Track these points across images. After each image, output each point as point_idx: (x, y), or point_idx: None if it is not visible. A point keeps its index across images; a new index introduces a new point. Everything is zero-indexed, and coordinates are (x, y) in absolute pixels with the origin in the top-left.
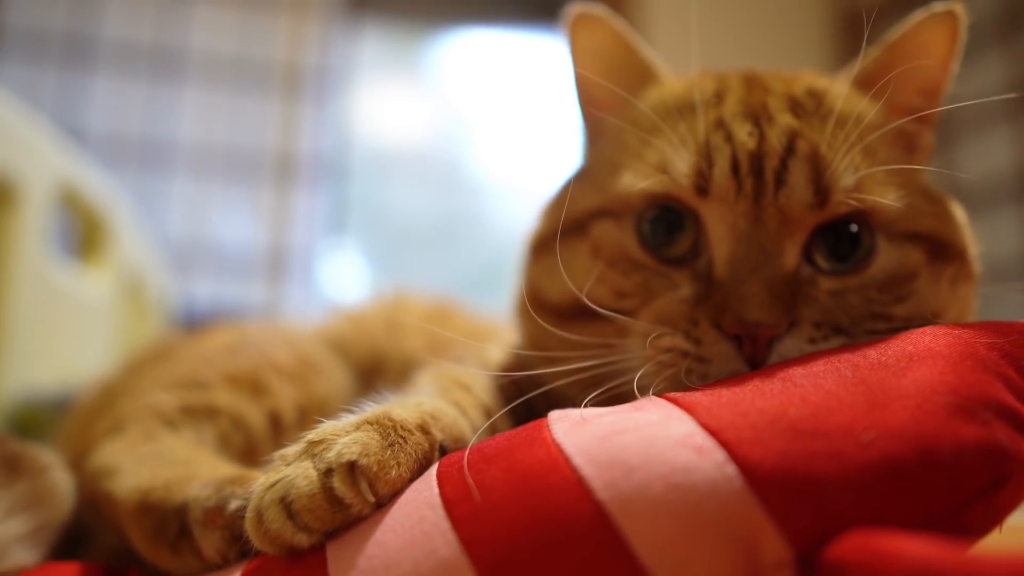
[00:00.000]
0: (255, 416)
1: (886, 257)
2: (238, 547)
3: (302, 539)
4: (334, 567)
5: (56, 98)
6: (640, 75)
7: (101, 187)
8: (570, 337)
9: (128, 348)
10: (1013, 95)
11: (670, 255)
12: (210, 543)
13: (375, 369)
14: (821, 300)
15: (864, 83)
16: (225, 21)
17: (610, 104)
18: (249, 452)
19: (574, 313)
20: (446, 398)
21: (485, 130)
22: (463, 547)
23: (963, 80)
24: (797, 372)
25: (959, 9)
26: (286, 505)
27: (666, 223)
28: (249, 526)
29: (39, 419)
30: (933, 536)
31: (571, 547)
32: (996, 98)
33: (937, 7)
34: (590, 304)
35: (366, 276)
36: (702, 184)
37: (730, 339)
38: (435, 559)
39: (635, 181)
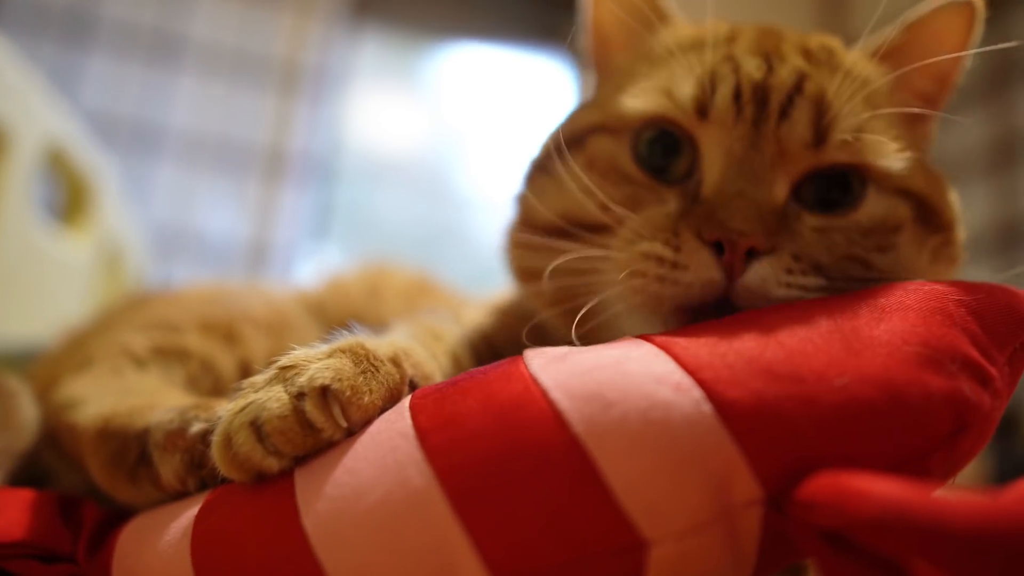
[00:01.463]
0: (226, 363)
1: (873, 205)
2: (198, 475)
3: (272, 463)
4: (302, 494)
5: (51, 73)
6: (655, 16)
7: (89, 153)
8: (555, 244)
9: None
10: None
11: (664, 177)
12: (169, 467)
13: None
14: (804, 235)
15: (879, 57)
16: (228, 12)
17: (623, 43)
18: (217, 396)
19: (561, 229)
20: (417, 341)
21: (477, 145)
22: (436, 477)
23: (947, 135)
24: (774, 318)
25: (979, 1)
26: (256, 428)
27: (663, 145)
28: (217, 450)
29: (6, 369)
30: (899, 477)
31: (545, 479)
32: None
33: None
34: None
35: None
36: (702, 107)
37: (710, 247)
38: (407, 488)
39: (636, 101)
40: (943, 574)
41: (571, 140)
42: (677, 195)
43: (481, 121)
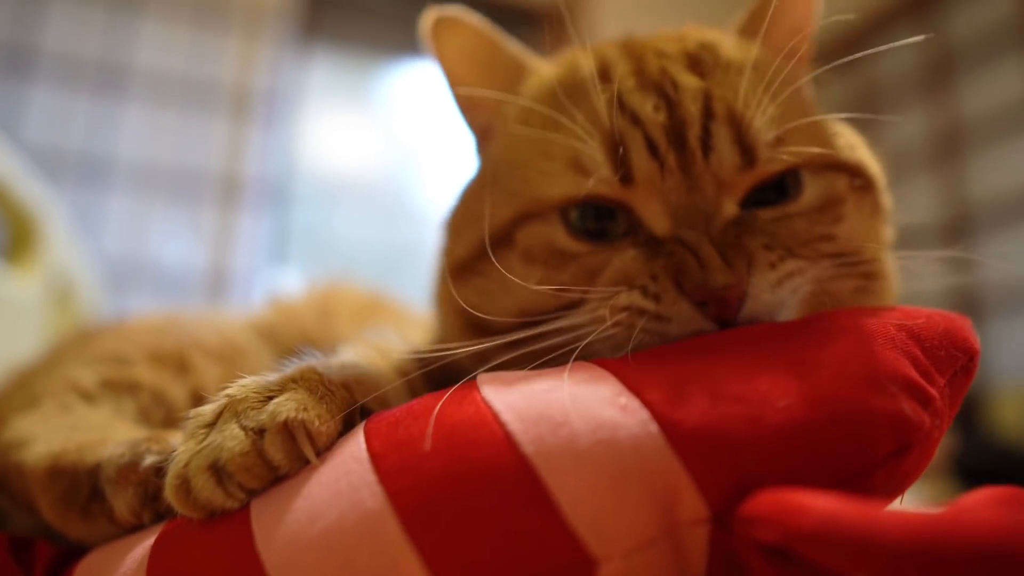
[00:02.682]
0: (177, 393)
1: (813, 188)
2: (153, 508)
3: (233, 505)
4: (258, 522)
5: None
6: (512, 69)
7: (34, 189)
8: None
9: None
10: None
11: (607, 239)
12: (123, 502)
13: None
14: (766, 229)
15: (746, 32)
16: (174, 39)
17: (490, 104)
18: (169, 427)
19: (520, 327)
20: (367, 363)
21: (432, 162)
22: (389, 499)
23: (890, 131)
24: (720, 342)
25: None
26: (216, 470)
27: (595, 212)
28: (174, 493)
29: None
30: (841, 493)
31: (495, 499)
32: None
33: None
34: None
35: None
36: (624, 175)
37: (693, 303)
38: (360, 511)
39: (550, 186)
40: None
41: (497, 240)
42: (630, 244)
43: (435, 137)
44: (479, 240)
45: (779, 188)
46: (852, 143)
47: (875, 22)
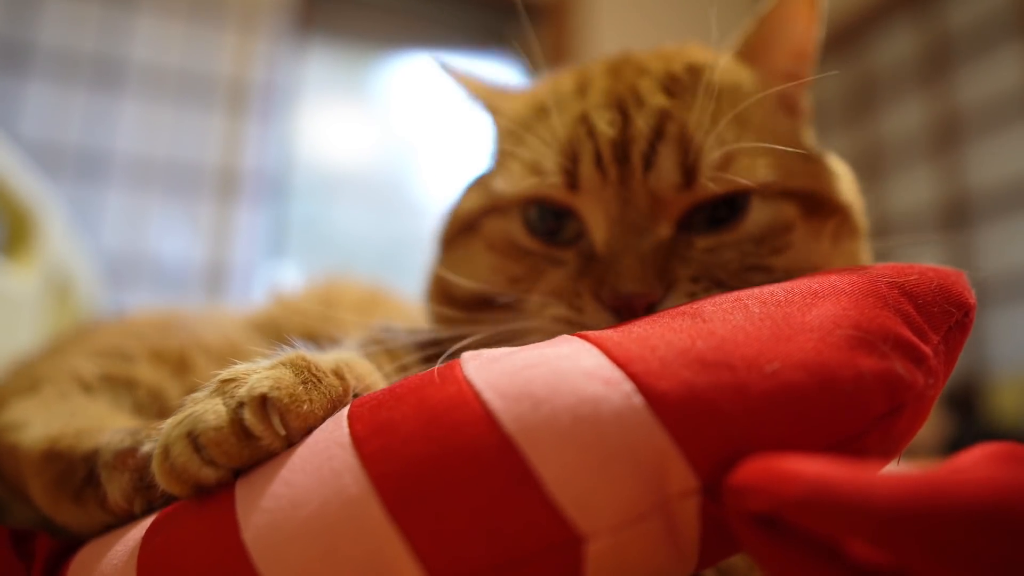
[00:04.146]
0: (176, 392)
1: (759, 213)
2: (145, 495)
3: (209, 474)
4: (242, 507)
5: None
6: (494, 96)
7: (31, 184)
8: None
9: None
10: None
11: (559, 239)
12: (117, 486)
13: None
14: (697, 258)
15: (743, 54)
16: (170, 33)
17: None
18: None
19: (478, 303)
20: (363, 353)
21: (431, 154)
22: (371, 484)
23: (888, 120)
24: (706, 308)
25: None
26: (193, 438)
27: (552, 211)
28: (155, 463)
29: None
30: (831, 457)
31: (478, 480)
32: None
33: None
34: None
35: None
36: (571, 180)
37: (609, 310)
38: (343, 497)
39: (511, 184)
40: (874, 550)
41: (466, 226)
42: (574, 255)
43: (432, 129)
44: (460, 220)
45: (730, 205)
46: (820, 171)
47: (873, 11)
